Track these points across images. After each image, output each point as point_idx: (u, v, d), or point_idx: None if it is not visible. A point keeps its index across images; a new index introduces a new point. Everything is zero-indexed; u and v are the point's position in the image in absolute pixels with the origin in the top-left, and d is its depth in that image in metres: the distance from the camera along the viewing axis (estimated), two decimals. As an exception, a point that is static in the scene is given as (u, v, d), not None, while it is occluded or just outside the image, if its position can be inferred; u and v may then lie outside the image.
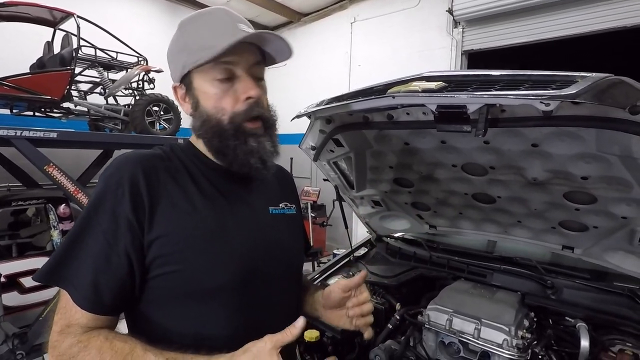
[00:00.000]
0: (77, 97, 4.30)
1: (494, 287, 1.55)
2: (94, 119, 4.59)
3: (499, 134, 1.17)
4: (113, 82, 4.48)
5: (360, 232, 2.50)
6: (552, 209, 1.42)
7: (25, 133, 3.20)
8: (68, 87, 3.94)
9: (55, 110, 4.20)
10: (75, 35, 4.02)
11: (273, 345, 0.63)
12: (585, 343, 1.20)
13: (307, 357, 1.40)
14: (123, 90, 4.58)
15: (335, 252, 3.68)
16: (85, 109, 4.38)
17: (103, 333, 0.68)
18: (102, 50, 4.31)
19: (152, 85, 4.71)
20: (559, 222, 1.47)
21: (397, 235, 2.09)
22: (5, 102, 3.80)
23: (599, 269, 1.48)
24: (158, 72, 4.51)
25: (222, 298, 0.75)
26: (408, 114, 1.23)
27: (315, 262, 4.30)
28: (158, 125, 4.48)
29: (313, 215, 5.60)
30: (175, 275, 0.72)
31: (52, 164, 3.30)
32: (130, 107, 4.46)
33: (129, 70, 4.56)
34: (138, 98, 4.52)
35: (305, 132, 1.50)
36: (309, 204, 5.62)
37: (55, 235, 3.41)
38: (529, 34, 4.13)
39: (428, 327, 1.34)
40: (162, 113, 4.49)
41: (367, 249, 2.11)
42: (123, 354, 0.64)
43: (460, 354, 1.29)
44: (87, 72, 4.32)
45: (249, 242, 0.80)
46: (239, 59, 0.77)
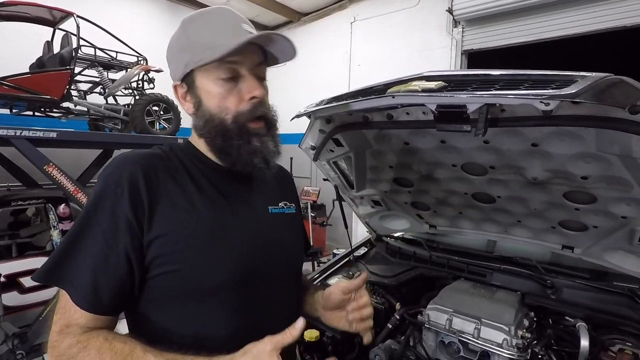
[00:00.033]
0: (76, 96, 4.29)
1: (494, 286, 1.55)
2: (94, 119, 4.59)
3: (499, 134, 1.17)
4: (113, 81, 4.48)
5: (360, 232, 2.50)
6: (552, 209, 1.42)
7: (25, 133, 3.20)
8: (68, 86, 3.94)
9: (55, 110, 4.20)
10: (75, 35, 4.02)
11: (273, 347, 0.63)
12: (585, 343, 1.20)
13: (307, 357, 1.40)
14: (123, 90, 4.58)
15: (335, 251, 3.68)
16: (85, 109, 4.38)
17: (102, 334, 0.68)
18: (101, 50, 4.31)
19: (151, 85, 4.71)
20: (559, 221, 1.47)
21: (397, 235, 2.09)
22: (5, 101, 3.80)
23: (599, 269, 1.48)
24: (158, 71, 4.50)
25: (221, 298, 0.74)
26: (408, 114, 1.23)
27: (315, 261, 4.30)
28: (158, 125, 4.47)
29: (313, 215, 5.60)
30: (175, 275, 0.71)
31: (51, 164, 3.30)
32: (130, 106, 4.45)
33: (129, 70, 4.56)
34: (138, 98, 4.52)
35: (305, 131, 1.50)
36: (309, 204, 5.62)
37: (55, 235, 3.41)
38: (529, 34, 4.13)
39: (428, 326, 1.35)
40: (162, 113, 4.49)
41: (367, 249, 2.11)
42: (123, 355, 0.64)
43: (460, 354, 1.29)
44: (86, 71, 4.31)
45: (249, 241, 0.80)
46: (244, 59, 0.77)
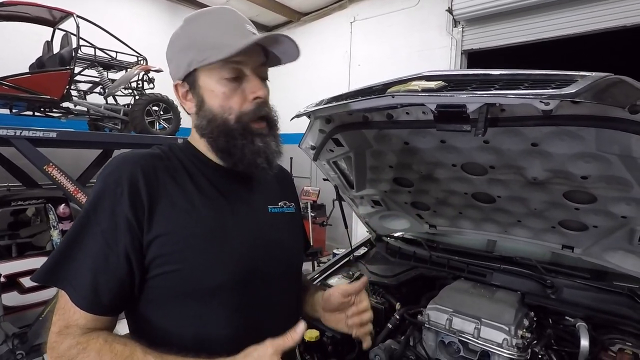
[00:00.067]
0: (76, 96, 4.29)
1: (494, 286, 1.55)
2: (94, 119, 4.59)
3: (499, 134, 1.17)
4: (113, 81, 4.47)
5: (360, 231, 2.50)
6: (552, 209, 1.42)
7: (25, 133, 3.19)
8: (67, 86, 3.94)
9: (55, 110, 4.19)
10: (75, 35, 4.02)
11: (274, 350, 0.63)
12: (585, 342, 1.20)
13: (307, 357, 1.40)
14: (123, 90, 4.57)
15: (335, 251, 3.68)
16: (85, 109, 4.37)
17: (102, 335, 0.68)
18: (101, 50, 4.31)
19: (151, 85, 4.70)
20: (559, 221, 1.47)
21: (397, 235, 2.09)
22: (5, 101, 3.80)
23: (599, 269, 1.48)
24: (158, 71, 4.50)
25: (221, 297, 0.74)
26: (408, 114, 1.23)
27: (315, 261, 4.30)
28: (158, 125, 4.47)
29: (313, 215, 5.60)
30: (175, 275, 0.71)
31: (51, 164, 3.30)
32: (130, 106, 4.45)
33: (129, 70, 4.55)
34: (138, 98, 4.51)
35: (305, 131, 1.50)
36: (309, 204, 5.61)
37: (55, 235, 3.40)
38: (529, 34, 4.13)
39: (428, 326, 1.35)
40: (161, 113, 4.48)
41: (367, 249, 2.11)
42: (123, 357, 0.64)
43: (460, 354, 1.29)
44: (86, 71, 4.31)
45: (249, 241, 0.80)
46: (248, 59, 0.77)
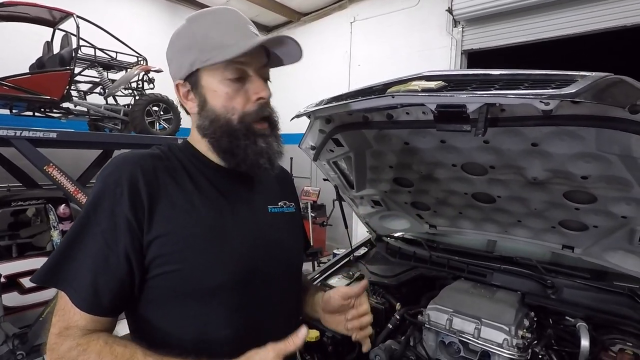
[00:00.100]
0: (76, 97, 4.29)
1: (494, 286, 1.55)
2: (94, 119, 4.59)
3: (499, 134, 1.17)
4: (113, 82, 4.47)
5: (360, 232, 2.50)
6: (552, 209, 1.42)
7: (25, 133, 3.19)
8: (67, 87, 3.94)
9: (55, 110, 4.19)
10: (75, 35, 4.02)
11: (276, 354, 0.63)
12: (586, 343, 1.20)
13: (307, 357, 1.40)
14: (123, 90, 4.58)
15: (335, 252, 3.68)
16: (85, 109, 4.37)
17: (102, 337, 0.67)
18: (101, 50, 4.31)
19: (151, 85, 4.70)
20: (559, 221, 1.47)
21: (397, 235, 2.09)
22: (5, 102, 3.80)
23: (599, 269, 1.48)
24: (158, 72, 4.50)
25: (221, 297, 0.74)
26: (408, 114, 1.23)
27: (315, 262, 4.29)
28: (158, 125, 4.47)
29: (313, 215, 5.60)
30: (175, 275, 0.71)
31: (51, 164, 3.30)
32: (130, 107, 4.45)
33: (129, 70, 4.56)
34: (138, 98, 4.52)
35: (305, 131, 1.50)
36: (309, 204, 5.61)
37: (55, 236, 3.40)
38: (529, 34, 4.13)
39: (428, 326, 1.35)
40: (161, 113, 4.48)
41: (367, 249, 2.11)
42: (123, 359, 0.64)
43: (461, 354, 1.29)
44: (86, 72, 4.31)
45: (249, 241, 0.79)
46: (251, 60, 0.77)
